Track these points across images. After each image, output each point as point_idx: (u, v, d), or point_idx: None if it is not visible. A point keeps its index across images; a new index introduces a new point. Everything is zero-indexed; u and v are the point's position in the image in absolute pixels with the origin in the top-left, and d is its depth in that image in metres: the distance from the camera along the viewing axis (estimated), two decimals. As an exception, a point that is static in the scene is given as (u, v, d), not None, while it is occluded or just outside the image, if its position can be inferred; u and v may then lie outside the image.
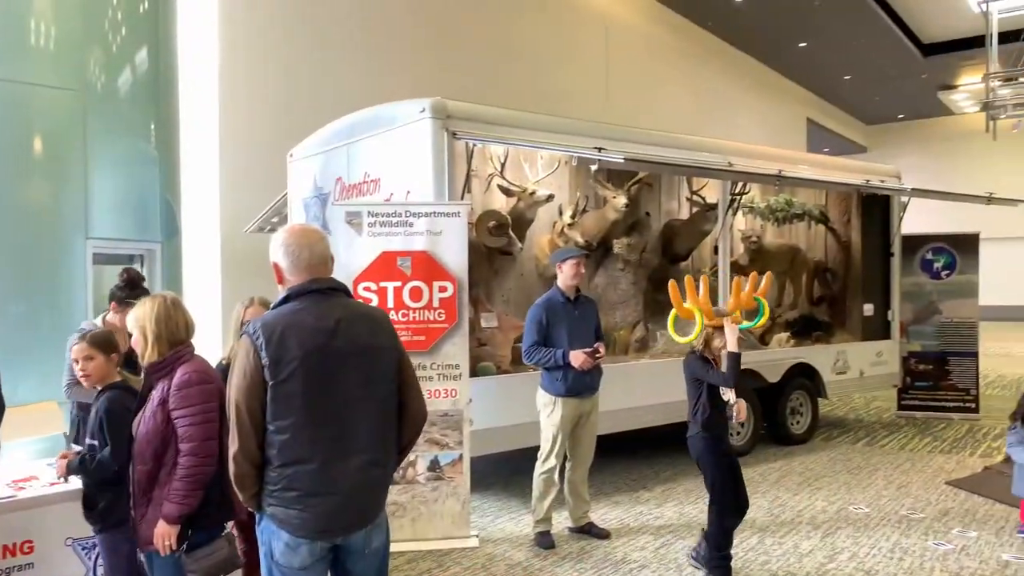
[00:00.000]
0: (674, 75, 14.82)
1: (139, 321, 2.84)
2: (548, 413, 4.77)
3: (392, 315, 4.67)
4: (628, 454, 6.96)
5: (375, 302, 4.67)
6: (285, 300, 2.34)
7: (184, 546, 2.72)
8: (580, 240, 6.25)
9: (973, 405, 8.84)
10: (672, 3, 14.21)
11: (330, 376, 2.29)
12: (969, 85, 20.36)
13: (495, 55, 10.74)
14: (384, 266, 4.74)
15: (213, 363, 3.14)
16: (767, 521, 5.31)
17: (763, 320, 4.55)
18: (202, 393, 2.79)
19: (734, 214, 7.19)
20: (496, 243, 5.70)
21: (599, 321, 5.03)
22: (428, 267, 4.79)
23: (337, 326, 2.32)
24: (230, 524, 3.03)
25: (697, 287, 4.12)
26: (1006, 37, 13.64)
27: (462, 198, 5.27)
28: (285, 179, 6.95)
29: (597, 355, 4.70)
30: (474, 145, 5.35)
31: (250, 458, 2.28)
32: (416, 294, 4.79)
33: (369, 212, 4.78)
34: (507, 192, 5.85)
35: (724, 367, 4.07)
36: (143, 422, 2.81)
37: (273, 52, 8.41)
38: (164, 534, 2.69)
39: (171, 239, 6.34)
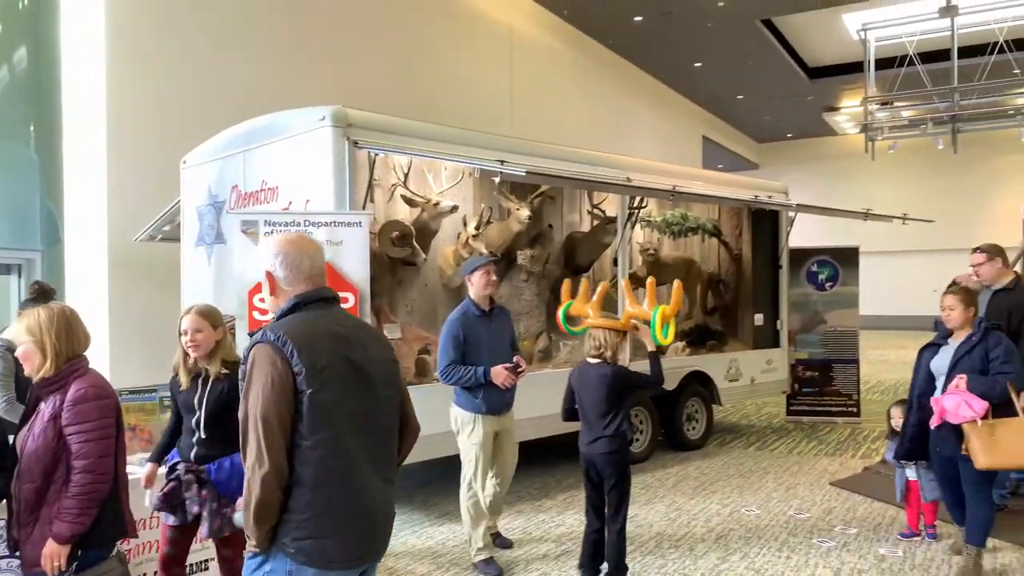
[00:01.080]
0: (576, 90, 15.13)
1: (34, 333, 2.69)
2: (468, 433, 4.60)
3: (290, 327, 4.58)
4: (531, 463, 7.02)
5: (271, 315, 4.55)
6: (294, 308, 2.21)
7: (74, 567, 2.59)
8: (485, 251, 6.29)
9: (855, 409, 9.36)
10: (575, 20, 14.53)
11: (356, 386, 2.18)
12: (850, 108, 21.64)
13: (399, 65, 10.69)
14: (282, 276, 4.62)
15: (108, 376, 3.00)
16: (664, 525, 5.46)
17: (671, 332, 4.48)
18: (99, 408, 2.67)
19: (632, 227, 7.39)
20: (399, 253, 5.66)
21: (514, 332, 4.97)
22: (329, 278, 4.70)
23: (352, 335, 2.24)
24: (121, 542, 2.91)
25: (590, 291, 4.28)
26: (883, 64, 14.61)
27: (364, 208, 5.21)
28: (178, 186, 6.70)
29: (519, 370, 4.59)
30: (376, 155, 5.31)
31: (281, 481, 2.05)
32: (315, 305, 4.69)
33: (266, 221, 4.67)
34: (411, 202, 5.83)
35: (651, 369, 4.20)
36: (31, 438, 2.66)
37: (165, 52, 8.09)
38: (53, 554, 2.55)
39: (52, 247, 6.01)
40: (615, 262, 7.29)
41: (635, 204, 7.21)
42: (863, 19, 14.37)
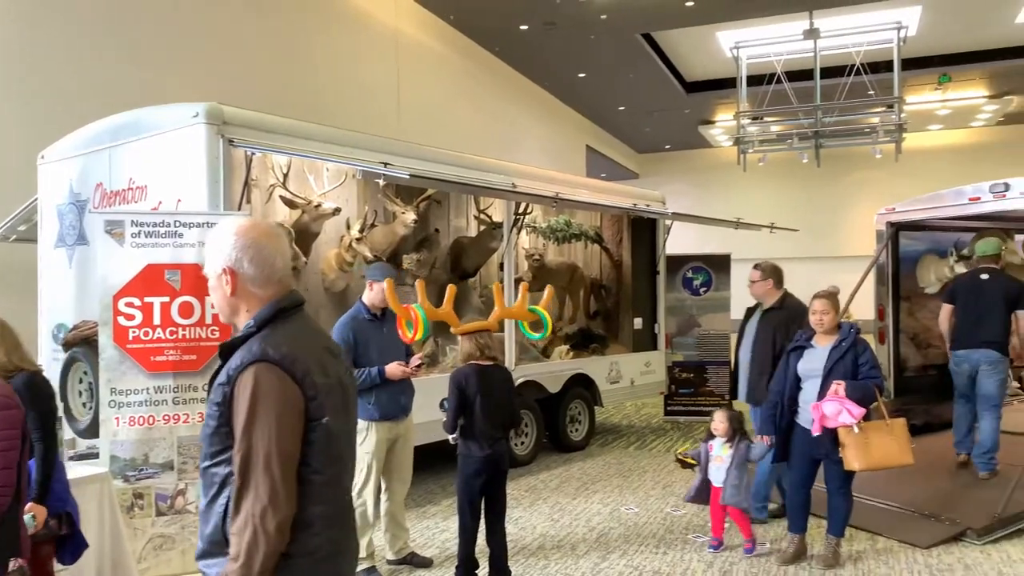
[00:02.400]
0: (463, 96, 15.17)
1: None
2: (361, 440, 4.49)
3: (159, 332, 4.36)
4: (415, 469, 6.94)
5: (139, 319, 4.31)
6: (276, 316, 1.86)
7: None
8: (368, 255, 6.19)
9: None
10: (461, 26, 14.56)
11: (346, 411, 1.94)
12: (724, 122, 22.72)
13: (281, 65, 10.38)
14: (150, 280, 4.39)
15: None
16: (547, 527, 5.53)
17: (548, 333, 4.68)
18: (5, 419, 2.51)
19: (518, 233, 7.47)
20: (278, 257, 5.48)
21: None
22: (200, 281, 4.49)
23: (336, 351, 2.00)
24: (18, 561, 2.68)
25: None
26: (754, 81, 15.40)
27: (239, 209, 5.02)
28: (35, 182, 6.24)
29: (417, 364, 4.53)
30: (253, 154, 5.13)
31: (290, 524, 1.74)
32: (186, 310, 4.48)
33: (133, 221, 4.42)
34: (290, 204, 5.66)
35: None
36: None
37: (19, 39, 7.53)
38: None
39: None
40: (501, 267, 7.34)
41: (521, 210, 7.29)
42: (736, 37, 15.10)
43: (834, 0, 13.64)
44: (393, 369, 4.44)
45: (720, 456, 4.86)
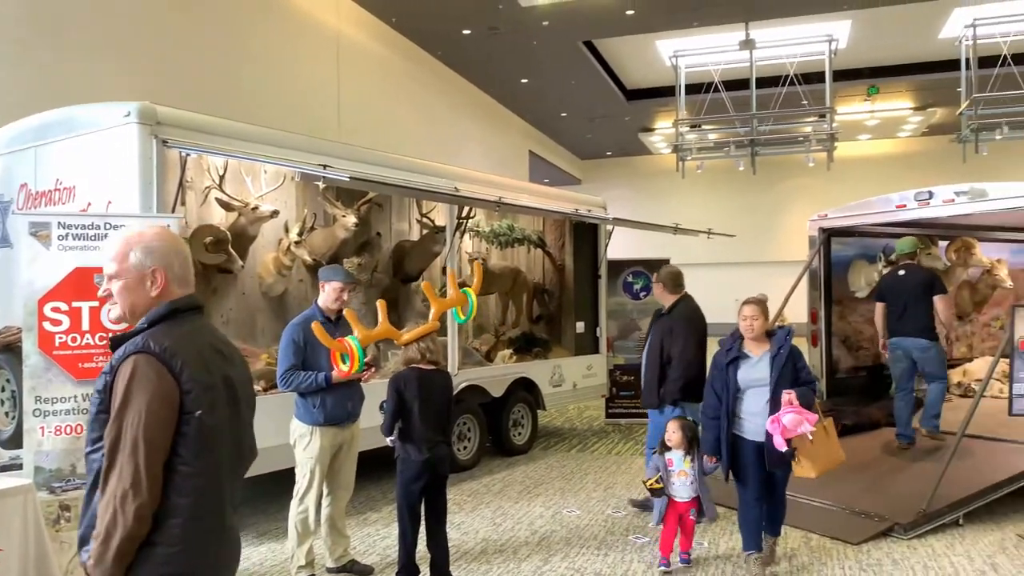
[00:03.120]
0: (406, 99, 15.09)
1: None
2: (305, 445, 4.43)
3: (88, 338, 4.22)
4: (357, 475, 6.86)
5: (66, 324, 4.15)
6: (168, 316, 1.95)
7: None
8: (308, 259, 6.10)
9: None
10: (404, 29, 14.48)
11: (232, 408, 1.99)
12: (663, 129, 23.11)
13: (219, 65, 10.16)
14: (78, 284, 4.23)
15: None
16: (490, 531, 5.52)
17: (473, 313, 4.57)
18: None
19: (461, 237, 7.46)
20: (213, 260, 5.36)
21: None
22: (133, 285, 4.36)
23: (228, 352, 2.06)
24: None
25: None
26: (692, 89, 15.71)
27: (173, 211, 4.90)
28: (-46, 182, 5.96)
29: (367, 370, 4.49)
30: (187, 154, 5.01)
31: (152, 512, 1.81)
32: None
33: (60, 223, 4.25)
34: (227, 206, 5.55)
35: None
36: None
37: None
38: None
39: None
40: (444, 271, 7.32)
41: (463, 214, 7.28)
42: (674, 47, 15.38)
43: (769, 12, 14.01)
44: (340, 373, 4.36)
45: (683, 470, 4.56)
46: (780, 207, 26.04)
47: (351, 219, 6.23)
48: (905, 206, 7.39)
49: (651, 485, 4.53)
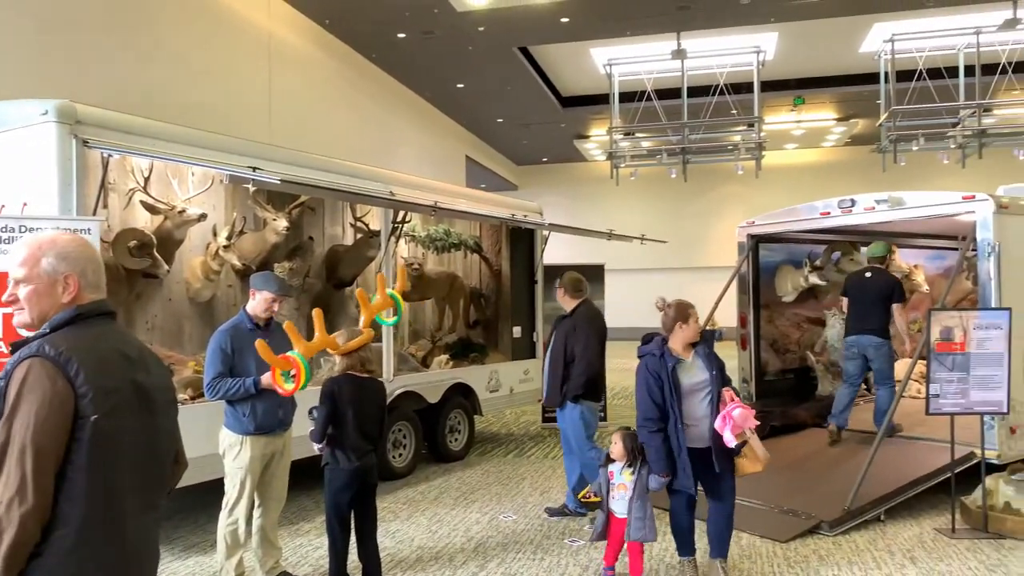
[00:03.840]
0: (340, 102, 14.89)
1: None
2: (235, 455, 4.30)
3: (1, 346, 4.02)
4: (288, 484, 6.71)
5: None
6: (73, 320, 1.90)
7: None
8: (237, 263, 5.95)
9: (602, 414, 10.04)
10: (337, 31, 14.30)
11: (139, 414, 1.93)
12: (598, 136, 23.41)
13: (144, 65, 9.83)
14: (-10, 289, 4.02)
15: None
16: (426, 538, 5.47)
17: (401, 316, 4.49)
18: None
19: (397, 241, 7.39)
20: (137, 264, 5.18)
21: (292, 347, 4.72)
22: (50, 290, 4.17)
23: (138, 357, 2.00)
24: None
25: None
26: (626, 97, 15.95)
27: (95, 213, 4.71)
28: None
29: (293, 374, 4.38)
30: (109, 155, 4.82)
31: (41, 521, 1.74)
32: (34, 321, 4.14)
33: (-30, 225, 4.05)
34: (152, 209, 5.37)
35: None
36: None
37: None
38: None
39: None
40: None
41: (399, 218, 7.22)
42: (608, 55, 15.59)
43: (699, 23, 14.33)
44: (269, 378, 4.22)
45: (623, 483, 4.34)
46: (711, 214, 26.67)
47: (282, 223, 6.10)
48: (829, 213, 7.65)
49: (583, 497, 4.39)
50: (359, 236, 7.25)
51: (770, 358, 8.89)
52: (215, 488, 4.55)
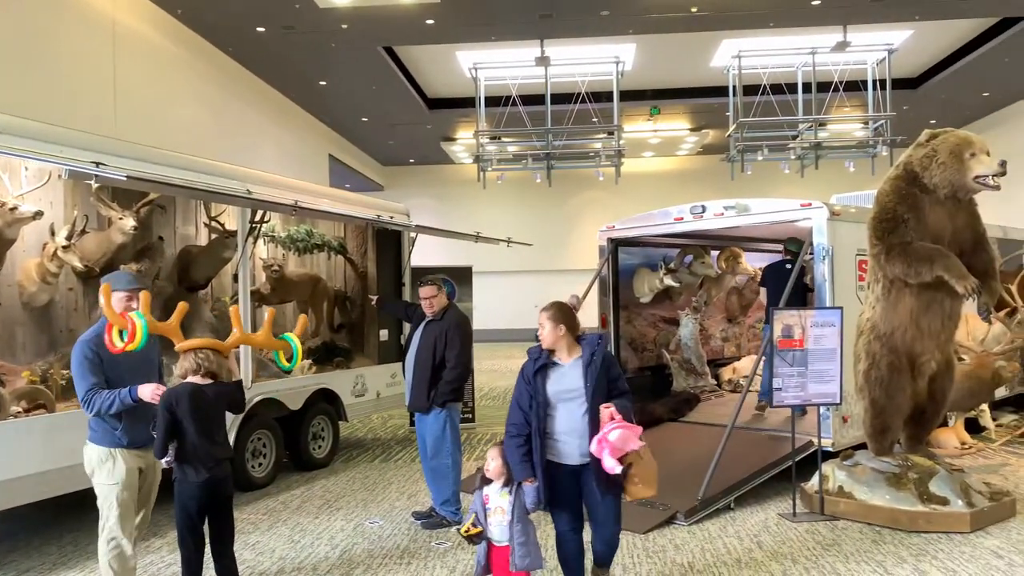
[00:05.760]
0: (194, 96, 14.16)
1: None
2: (107, 472, 3.99)
3: None
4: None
5: None
6: None
7: None
8: (79, 265, 5.53)
9: (471, 416, 10.09)
10: (191, 22, 13.58)
11: None
12: (464, 139, 23.51)
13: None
14: None
15: None
16: (287, 549, 5.30)
17: (298, 361, 4.42)
18: None
19: (255, 242, 7.12)
20: (-40, 266, 4.71)
21: (160, 353, 4.39)
22: None
23: None
24: None
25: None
26: (492, 101, 16.11)
27: (-92, 209, 4.25)
28: None
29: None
30: (-73, 146, 4.37)
31: None
32: None
33: None
34: (-23, 206, 4.90)
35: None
36: None
37: None
38: None
39: None
40: (236, 278, 6.94)
41: (257, 218, 6.95)
42: (474, 59, 15.72)
43: (561, 31, 14.70)
44: (148, 390, 3.95)
45: (500, 507, 3.87)
46: (574, 218, 27.39)
47: (129, 222, 5.74)
48: (682, 219, 8.06)
49: (465, 532, 3.86)
50: (214, 236, 6.93)
51: (629, 357, 9.24)
52: (50, 507, 4.22)
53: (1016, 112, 20.50)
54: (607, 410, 3.69)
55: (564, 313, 3.98)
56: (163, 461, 3.92)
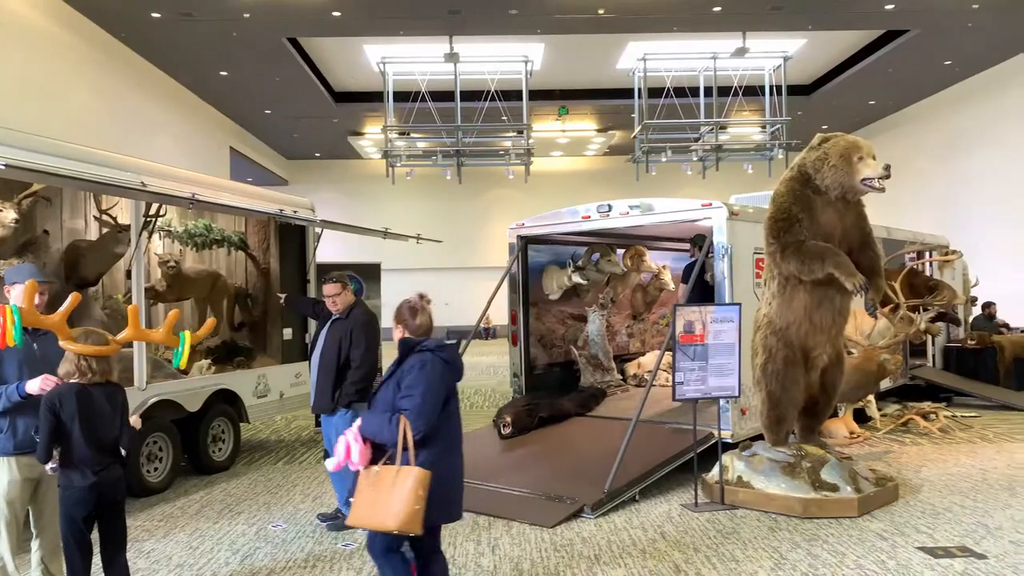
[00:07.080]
0: (83, 83, 13.41)
1: None
2: None
3: None
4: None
5: None
6: None
7: None
8: (-51, 260, 5.14)
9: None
10: (79, 5, 12.85)
11: None
12: (373, 134, 23.17)
13: None
14: None
15: None
16: (185, 556, 5.08)
17: (184, 357, 4.18)
18: None
19: (150, 236, 6.80)
20: None
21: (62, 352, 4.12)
22: None
23: None
24: None
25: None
26: (401, 97, 15.93)
27: None
28: None
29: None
30: None
31: None
32: None
33: None
34: None
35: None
36: None
37: None
38: None
39: None
40: (129, 275, 6.61)
41: (152, 212, 6.64)
42: (382, 53, 15.50)
43: (470, 28, 14.68)
44: (36, 383, 3.68)
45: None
46: (484, 215, 27.44)
47: (10, 215, 5.39)
48: (589, 217, 8.18)
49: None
50: (105, 231, 6.57)
51: (539, 353, 9.31)
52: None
53: (900, 119, 21.84)
54: (357, 422, 3.53)
55: (400, 313, 3.69)
56: (47, 467, 3.68)
